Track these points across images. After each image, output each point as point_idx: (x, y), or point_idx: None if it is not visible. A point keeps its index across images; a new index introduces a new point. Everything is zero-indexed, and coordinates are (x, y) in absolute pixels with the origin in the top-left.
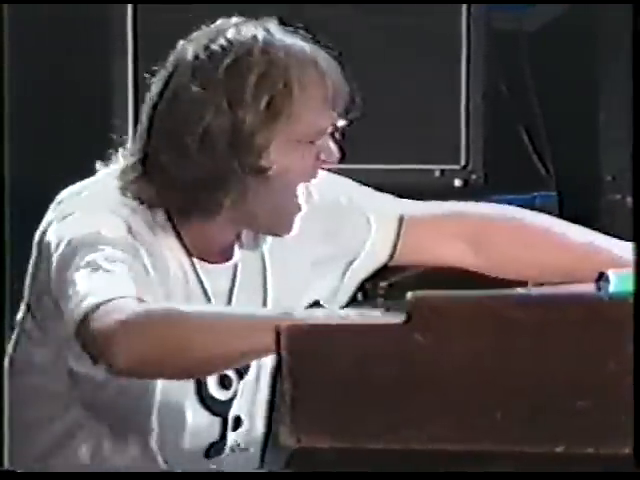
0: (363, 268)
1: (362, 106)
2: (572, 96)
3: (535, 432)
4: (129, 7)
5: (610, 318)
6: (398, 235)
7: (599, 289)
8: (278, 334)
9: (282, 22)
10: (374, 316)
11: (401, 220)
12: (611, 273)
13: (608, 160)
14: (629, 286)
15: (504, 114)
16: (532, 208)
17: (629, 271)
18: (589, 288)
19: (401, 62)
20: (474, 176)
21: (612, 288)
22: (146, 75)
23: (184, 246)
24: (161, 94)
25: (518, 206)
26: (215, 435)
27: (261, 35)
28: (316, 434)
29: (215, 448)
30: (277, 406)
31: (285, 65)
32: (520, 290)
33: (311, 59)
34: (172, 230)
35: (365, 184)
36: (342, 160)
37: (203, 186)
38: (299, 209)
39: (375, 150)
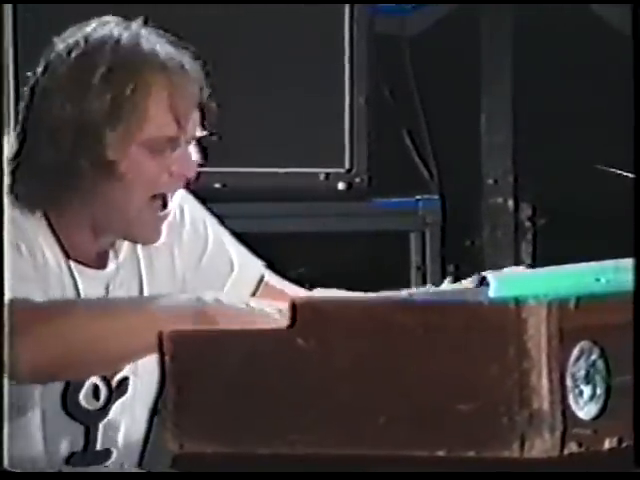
0: None
1: (218, 120)
2: (454, 100)
3: (417, 436)
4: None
5: (491, 322)
6: (257, 289)
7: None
8: (161, 339)
9: (158, 25)
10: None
11: (262, 278)
12: (491, 277)
13: (490, 164)
14: (509, 290)
15: (387, 118)
16: (415, 211)
17: (508, 274)
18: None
19: (284, 66)
20: (358, 179)
21: (492, 292)
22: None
23: (61, 246)
24: (31, 90)
25: (401, 209)
26: (78, 444)
27: (117, 33)
28: (200, 439)
29: (78, 458)
30: (160, 411)
31: (132, 66)
32: (404, 294)
33: (161, 64)
34: (49, 229)
35: (250, 188)
36: (205, 165)
37: (53, 179)
38: (160, 219)
39: (259, 153)
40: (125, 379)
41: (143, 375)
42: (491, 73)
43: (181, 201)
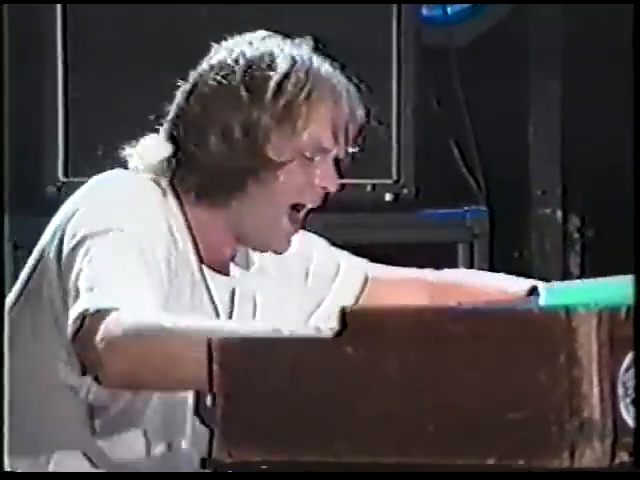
0: (325, 315)
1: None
2: (502, 111)
3: (467, 444)
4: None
5: (541, 331)
6: (362, 291)
7: (530, 302)
8: (209, 347)
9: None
10: None
11: (366, 279)
12: (541, 287)
13: (538, 175)
14: (559, 299)
15: (435, 128)
16: (463, 222)
17: (558, 285)
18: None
19: None
20: (405, 190)
21: (542, 301)
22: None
23: (197, 251)
24: (189, 92)
25: (449, 220)
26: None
27: (288, 47)
28: (248, 448)
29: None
30: (207, 420)
31: (308, 74)
32: (452, 303)
33: (332, 79)
34: (188, 234)
35: None
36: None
37: (216, 176)
38: (294, 230)
39: None
40: None
41: None
42: (539, 84)
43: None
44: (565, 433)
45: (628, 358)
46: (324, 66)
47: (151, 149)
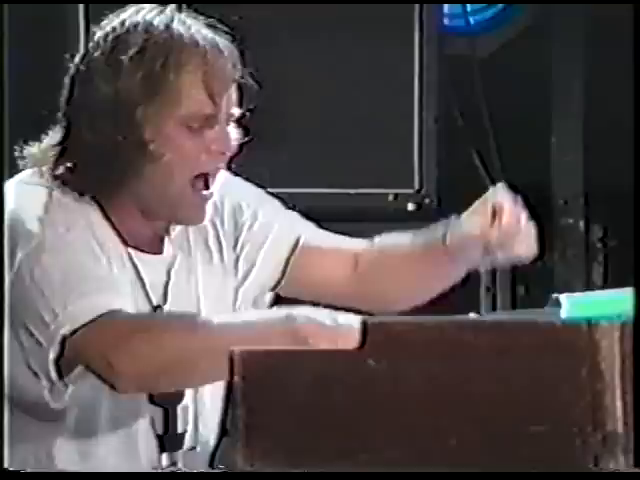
0: (255, 283)
1: (259, 97)
2: (524, 120)
3: (489, 457)
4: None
5: (564, 343)
6: (288, 261)
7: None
8: (232, 359)
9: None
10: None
11: (296, 245)
12: (563, 298)
13: (560, 184)
14: (582, 311)
15: (457, 138)
16: None
17: (581, 295)
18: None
19: (355, 86)
20: (427, 200)
21: (564, 313)
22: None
23: (117, 233)
24: (71, 77)
25: None
26: (157, 428)
27: (150, 17)
28: (270, 459)
29: (167, 442)
30: (229, 431)
31: (163, 44)
32: (474, 315)
33: (194, 43)
34: (102, 215)
35: (319, 208)
36: (241, 149)
37: (98, 163)
38: (203, 199)
39: (328, 174)
40: None
41: None
42: (562, 93)
43: (222, 189)
44: (588, 446)
45: None
46: (189, 30)
47: (42, 150)
